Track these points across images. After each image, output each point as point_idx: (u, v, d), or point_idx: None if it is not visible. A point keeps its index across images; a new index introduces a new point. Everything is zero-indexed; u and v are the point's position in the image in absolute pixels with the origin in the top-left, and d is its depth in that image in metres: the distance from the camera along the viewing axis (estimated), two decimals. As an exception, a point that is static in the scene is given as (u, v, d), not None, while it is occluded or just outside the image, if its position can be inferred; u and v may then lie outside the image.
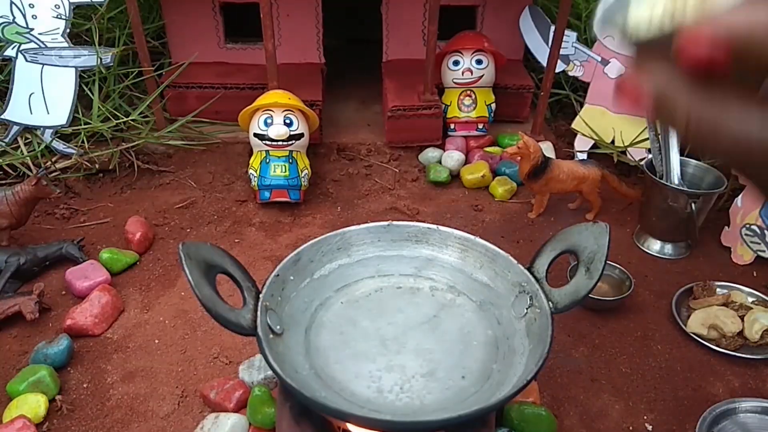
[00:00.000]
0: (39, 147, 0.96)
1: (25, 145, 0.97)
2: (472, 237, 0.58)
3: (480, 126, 1.07)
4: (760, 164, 0.23)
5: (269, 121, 0.88)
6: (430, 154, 1.04)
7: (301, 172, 0.91)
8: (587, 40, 1.09)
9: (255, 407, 0.58)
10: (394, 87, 1.07)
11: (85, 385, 0.64)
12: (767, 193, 0.24)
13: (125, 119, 0.99)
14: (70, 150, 0.97)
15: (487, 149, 1.05)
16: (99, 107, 0.98)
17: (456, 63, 1.03)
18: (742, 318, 0.72)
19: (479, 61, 1.03)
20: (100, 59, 0.96)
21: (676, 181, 0.85)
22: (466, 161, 1.04)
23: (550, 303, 0.49)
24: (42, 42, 0.96)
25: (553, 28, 1.02)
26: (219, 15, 1.09)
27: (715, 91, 0.23)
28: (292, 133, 0.88)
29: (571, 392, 0.65)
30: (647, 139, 0.99)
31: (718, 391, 0.65)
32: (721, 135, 0.23)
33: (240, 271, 0.50)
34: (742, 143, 0.23)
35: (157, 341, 0.70)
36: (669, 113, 0.24)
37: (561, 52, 1.03)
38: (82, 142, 0.97)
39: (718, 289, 0.78)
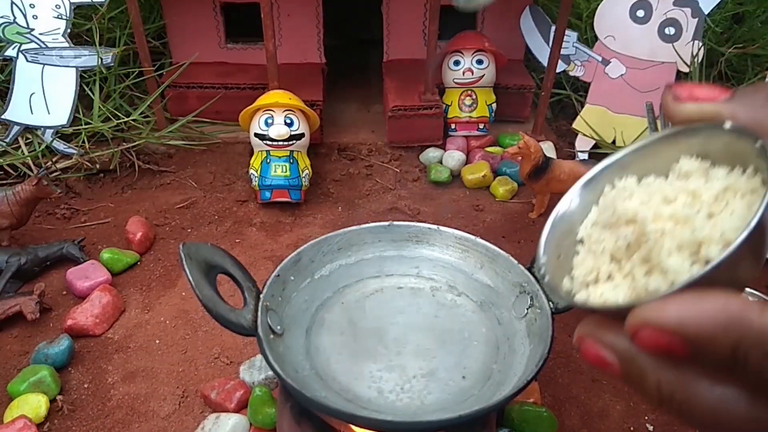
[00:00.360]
0: (40, 147, 0.96)
1: (26, 145, 0.97)
2: (472, 237, 0.58)
3: (481, 126, 1.07)
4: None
5: (270, 121, 0.88)
6: (431, 154, 1.04)
7: (302, 172, 0.91)
8: (588, 40, 1.09)
9: (256, 407, 0.58)
10: (395, 87, 1.07)
11: (86, 386, 0.64)
12: None
13: (126, 119, 0.99)
14: (70, 150, 0.97)
15: (488, 149, 1.05)
16: (100, 107, 0.98)
17: (457, 63, 1.03)
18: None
19: (480, 61, 1.03)
20: (101, 59, 0.96)
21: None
22: (467, 161, 1.03)
23: (550, 303, 0.49)
24: (43, 42, 0.96)
25: (553, 28, 1.02)
26: (219, 15, 1.09)
27: (683, 365, 0.23)
28: (292, 133, 0.88)
29: (572, 392, 0.65)
30: (648, 139, 0.99)
31: (719, 392, 0.65)
32: (695, 407, 0.23)
33: (241, 272, 0.50)
34: (718, 416, 0.22)
35: (157, 341, 0.70)
36: (638, 382, 0.24)
37: (562, 52, 1.03)
38: (83, 142, 0.97)
39: (719, 290, 0.77)
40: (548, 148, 1.04)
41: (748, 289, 0.77)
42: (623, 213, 0.28)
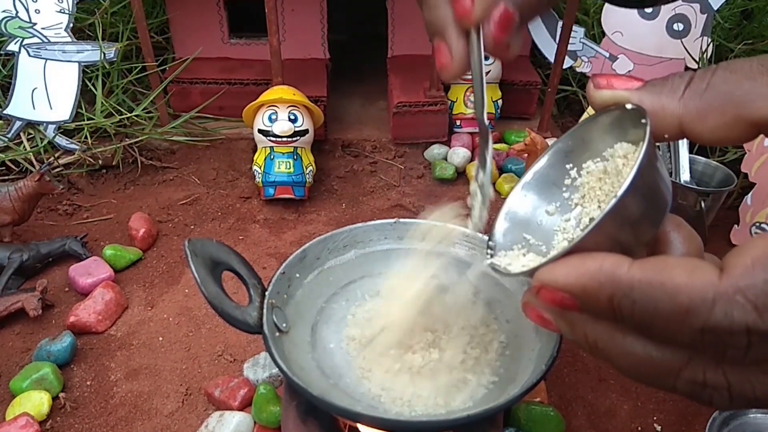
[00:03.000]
0: (42, 143, 0.95)
1: (28, 140, 0.96)
2: (479, 234, 0.57)
3: (487, 122, 1.06)
4: (649, 378, 0.26)
5: (274, 117, 0.87)
6: (436, 150, 1.03)
7: (306, 168, 0.90)
8: (595, 35, 1.08)
9: (260, 405, 0.57)
10: (400, 83, 1.07)
11: (88, 383, 0.64)
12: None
13: (129, 115, 0.98)
14: (73, 146, 0.97)
15: (494, 146, 1.04)
16: (102, 103, 0.97)
17: (462, 59, 1.02)
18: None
19: (486, 57, 1.01)
20: (104, 54, 0.96)
21: (685, 179, 0.84)
22: (472, 158, 1.03)
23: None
24: (45, 37, 0.95)
25: (560, 23, 1.01)
26: (223, 10, 1.08)
27: (600, 319, 0.27)
28: (296, 129, 0.87)
29: (578, 392, 0.64)
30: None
31: (728, 392, 0.64)
32: (613, 353, 0.27)
33: (246, 269, 0.49)
34: (630, 359, 0.26)
35: (161, 339, 0.69)
36: (571, 334, 0.28)
37: (568, 48, 1.02)
38: (86, 137, 0.96)
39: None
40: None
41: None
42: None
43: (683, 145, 0.85)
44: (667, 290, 0.24)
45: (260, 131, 0.89)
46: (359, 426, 0.46)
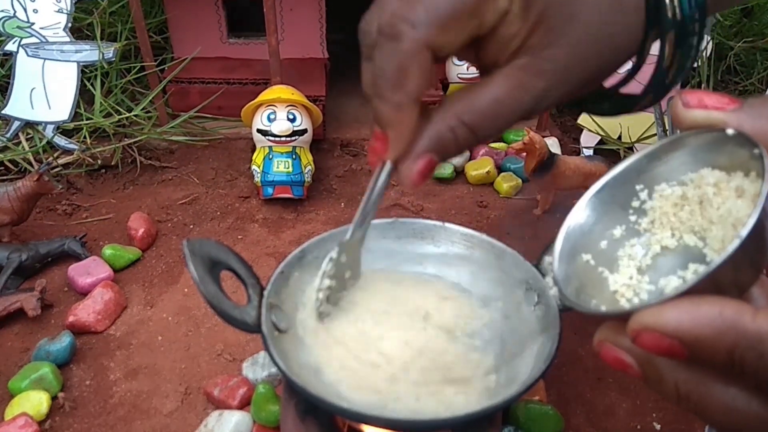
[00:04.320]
0: (40, 143, 0.95)
1: (27, 140, 0.96)
2: (477, 234, 0.57)
3: (485, 121, 1.06)
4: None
5: (272, 116, 0.87)
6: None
7: (305, 168, 0.90)
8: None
9: (259, 405, 0.58)
10: (398, 82, 1.06)
11: (87, 383, 0.64)
12: None
13: (127, 115, 0.98)
14: (71, 146, 0.97)
15: (492, 145, 1.05)
16: (101, 102, 0.97)
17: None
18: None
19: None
20: (102, 54, 0.96)
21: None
22: (471, 157, 1.03)
23: (558, 301, 0.49)
24: (43, 36, 0.95)
25: (559, 22, 1.00)
26: (221, 9, 1.08)
27: (697, 367, 0.24)
28: (295, 128, 0.87)
29: (577, 390, 0.64)
30: (655, 134, 0.98)
31: (727, 390, 0.64)
32: (709, 406, 0.24)
33: (245, 268, 0.49)
34: (731, 415, 0.24)
35: (160, 338, 0.69)
36: (657, 383, 0.25)
37: (567, 47, 1.02)
38: (84, 137, 0.96)
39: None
40: (553, 144, 1.03)
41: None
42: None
43: None
44: None
45: (259, 131, 0.89)
46: (359, 425, 0.46)
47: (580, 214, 0.35)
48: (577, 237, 0.35)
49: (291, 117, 0.88)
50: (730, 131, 0.27)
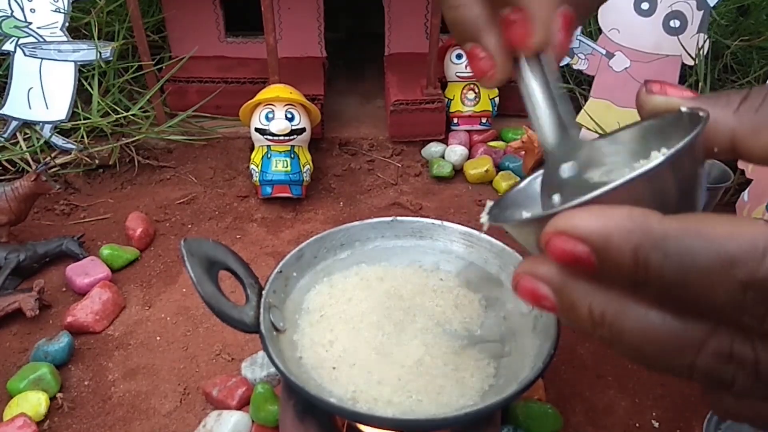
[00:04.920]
0: (38, 142, 0.95)
1: (24, 140, 0.96)
2: (476, 232, 0.57)
3: (483, 120, 1.06)
4: (664, 355, 0.23)
5: (270, 115, 0.87)
6: (433, 148, 1.03)
7: (303, 167, 0.90)
8: (592, 32, 1.08)
9: (258, 405, 0.57)
10: (397, 81, 1.06)
11: (86, 383, 0.64)
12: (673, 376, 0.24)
13: (125, 114, 0.98)
14: (69, 145, 0.96)
15: (491, 144, 1.05)
16: (99, 102, 0.97)
17: (459, 56, 1.02)
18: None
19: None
20: (100, 53, 0.95)
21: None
22: (470, 156, 1.03)
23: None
24: (41, 36, 0.95)
25: (557, 20, 1.00)
26: (219, 8, 1.08)
27: (609, 284, 0.23)
28: (293, 127, 0.87)
29: (576, 389, 0.64)
30: (652, 133, 0.98)
31: (725, 388, 0.65)
32: (624, 327, 0.23)
33: (243, 268, 0.49)
34: (646, 333, 0.23)
35: (158, 338, 0.69)
36: (570, 309, 0.24)
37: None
38: (82, 137, 0.96)
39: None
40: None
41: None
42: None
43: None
44: (708, 238, 0.21)
45: (257, 130, 0.88)
46: (357, 425, 0.46)
47: (530, 186, 0.36)
48: (520, 197, 0.36)
49: (289, 116, 0.87)
50: (684, 108, 0.28)
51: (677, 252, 0.21)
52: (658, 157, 0.24)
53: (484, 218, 0.33)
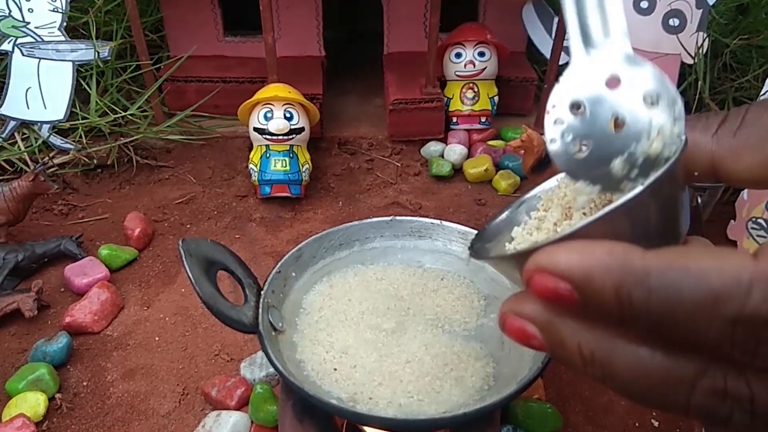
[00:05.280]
0: (36, 142, 0.95)
1: (22, 140, 0.96)
2: (475, 232, 0.57)
3: (483, 119, 1.06)
4: (658, 394, 0.22)
5: (269, 115, 0.87)
6: (433, 147, 1.03)
7: (302, 166, 0.90)
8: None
9: (257, 405, 0.57)
10: (396, 80, 1.06)
11: (84, 383, 0.64)
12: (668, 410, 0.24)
13: (123, 114, 0.98)
14: (67, 145, 0.96)
15: (490, 143, 1.04)
16: (97, 102, 0.97)
17: (458, 55, 1.02)
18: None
19: (482, 54, 1.02)
20: (98, 53, 0.95)
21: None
22: (469, 155, 1.03)
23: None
24: (38, 36, 0.95)
25: (556, 19, 1.00)
26: (218, 8, 1.08)
27: (596, 322, 0.23)
28: (292, 127, 0.87)
29: (576, 388, 0.64)
30: (652, 131, 0.98)
31: (725, 387, 0.64)
32: (615, 365, 0.23)
33: (241, 268, 0.49)
34: (636, 372, 0.22)
35: (157, 338, 0.69)
36: (560, 348, 0.24)
37: (564, 44, 1.02)
38: (80, 137, 0.96)
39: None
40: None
41: None
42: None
43: None
44: (692, 274, 0.20)
45: (256, 129, 0.88)
46: (357, 425, 0.45)
47: (513, 215, 0.37)
48: (502, 227, 0.37)
49: (288, 115, 0.87)
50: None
51: (661, 288, 0.20)
52: (636, 188, 0.24)
53: (464, 254, 0.33)
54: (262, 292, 0.49)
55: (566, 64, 1.03)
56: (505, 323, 0.25)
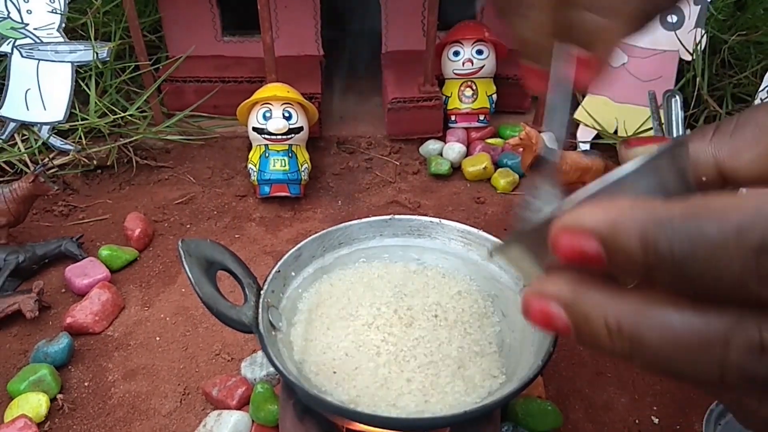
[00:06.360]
0: (36, 143, 0.95)
1: (22, 141, 0.96)
2: (474, 230, 0.57)
3: (481, 117, 1.06)
4: (692, 358, 0.21)
5: (268, 114, 0.87)
6: (431, 146, 1.03)
7: (301, 166, 0.90)
8: (589, 29, 1.08)
9: (258, 405, 0.58)
10: (394, 79, 1.06)
11: (86, 384, 0.64)
12: (702, 386, 0.22)
13: (123, 114, 0.98)
14: (67, 146, 0.96)
15: (489, 141, 1.04)
16: (96, 103, 0.97)
17: (456, 53, 1.02)
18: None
19: (480, 52, 1.02)
20: (97, 54, 0.95)
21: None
22: (468, 153, 1.03)
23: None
24: (37, 37, 0.95)
25: (554, 17, 1.00)
26: (216, 7, 1.08)
27: (622, 290, 0.22)
28: (291, 126, 0.87)
29: (576, 386, 0.64)
30: (651, 128, 0.98)
31: (724, 383, 0.65)
32: (644, 334, 0.22)
33: (241, 268, 0.49)
34: (667, 337, 0.21)
35: (158, 338, 0.69)
36: (585, 327, 0.23)
37: (562, 42, 1.01)
38: (80, 138, 0.96)
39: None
40: (550, 139, 1.03)
41: None
42: None
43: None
44: (713, 212, 0.20)
45: (255, 129, 0.88)
46: (357, 424, 0.46)
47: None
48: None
49: (287, 115, 0.87)
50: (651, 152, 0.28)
51: (684, 229, 0.20)
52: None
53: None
54: (262, 292, 0.49)
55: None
56: (528, 307, 0.25)
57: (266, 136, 0.88)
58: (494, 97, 1.06)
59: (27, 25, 0.94)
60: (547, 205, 0.35)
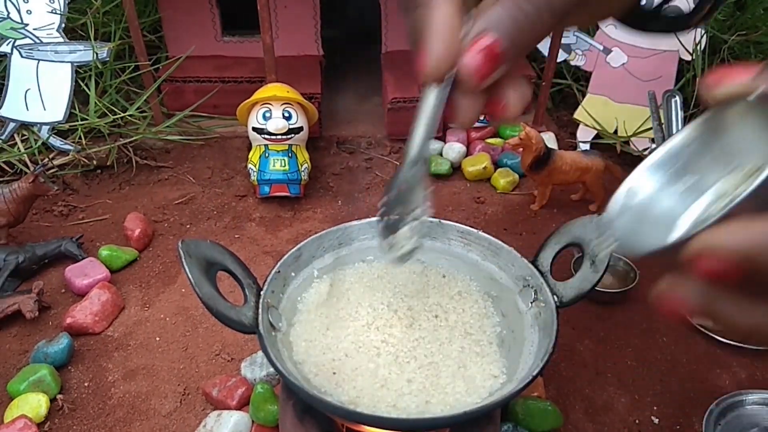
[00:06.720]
0: (36, 144, 0.95)
1: (22, 141, 0.96)
2: (474, 230, 0.57)
3: (481, 117, 1.06)
4: None
5: (268, 114, 0.87)
6: (431, 146, 1.03)
7: (301, 166, 0.90)
8: (589, 28, 1.08)
9: (258, 405, 0.58)
10: (394, 79, 1.06)
11: (86, 384, 0.64)
12: None
13: (122, 114, 0.98)
14: (67, 146, 0.96)
15: (489, 141, 1.04)
16: (96, 103, 0.97)
17: (456, 54, 1.02)
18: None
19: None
20: (96, 54, 0.95)
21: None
22: (468, 153, 1.03)
23: (555, 297, 0.49)
24: (37, 37, 0.95)
25: (554, 17, 1.00)
26: (216, 8, 1.08)
27: (753, 295, 0.24)
28: (291, 126, 0.87)
29: (576, 386, 0.64)
30: (651, 128, 0.98)
31: (724, 383, 0.65)
32: None
33: (241, 268, 0.49)
34: None
35: (158, 339, 0.69)
36: (719, 324, 0.25)
37: (562, 41, 1.02)
38: (80, 138, 0.96)
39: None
40: (549, 139, 1.03)
41: None
42: None
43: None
44: None
45: (255, 129, 0.88)
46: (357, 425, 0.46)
47: (641, 176, 0.35)
48: (637, 200, 0.34)
49: (287, 115, 0.87)
50: (750, 98, 0.28)
51: None
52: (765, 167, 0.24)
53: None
54: (262, 292, 0.49)
55: (564, 61, 1.02)
56: (662, 304, 0.26)
57: (266, 136, 0.88)
58: (494, 97, 1.06)
59: (27, 25, 0.94)
60: None
